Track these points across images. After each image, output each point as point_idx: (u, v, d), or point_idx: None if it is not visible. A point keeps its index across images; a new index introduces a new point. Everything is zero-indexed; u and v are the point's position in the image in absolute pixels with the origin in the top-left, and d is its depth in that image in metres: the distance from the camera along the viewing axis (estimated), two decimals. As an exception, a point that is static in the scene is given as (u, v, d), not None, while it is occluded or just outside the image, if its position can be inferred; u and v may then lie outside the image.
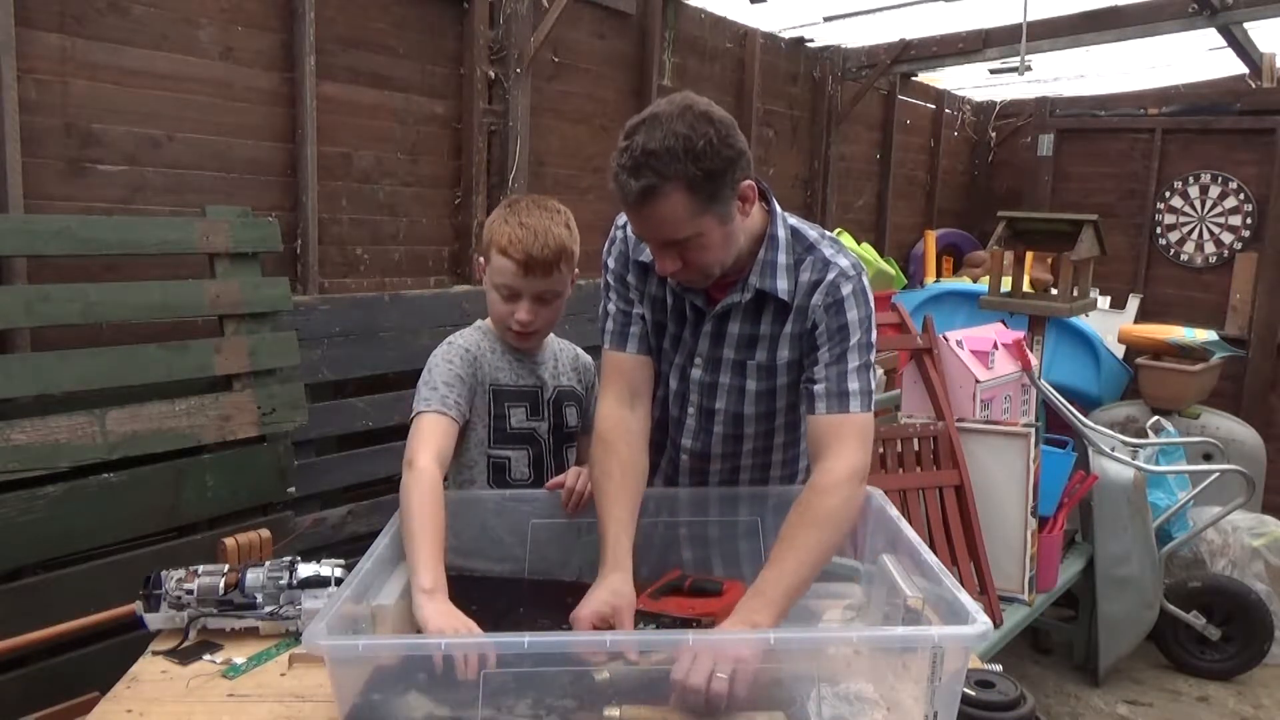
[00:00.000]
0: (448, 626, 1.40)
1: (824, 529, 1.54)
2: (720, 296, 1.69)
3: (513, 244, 1.77)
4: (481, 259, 1.90)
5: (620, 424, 1.72)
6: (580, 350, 2.04)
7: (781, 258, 1.65)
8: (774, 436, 1.80)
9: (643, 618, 1.57)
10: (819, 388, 1.63)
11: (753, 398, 1.72)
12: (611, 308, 1.78)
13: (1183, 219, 5.95)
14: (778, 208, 1.70)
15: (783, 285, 1.65)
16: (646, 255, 1.69)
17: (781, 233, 1.67)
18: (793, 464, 1.86)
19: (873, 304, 1.68)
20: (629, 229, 1.73)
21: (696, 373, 1.74)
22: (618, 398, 1.74)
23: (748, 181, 1.56)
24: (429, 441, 1.69)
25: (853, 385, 1.62)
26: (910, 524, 1.63)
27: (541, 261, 1.78)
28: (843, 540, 1.62)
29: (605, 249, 1.81)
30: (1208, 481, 3.87)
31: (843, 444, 1.59)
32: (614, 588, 1.54)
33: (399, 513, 1.61)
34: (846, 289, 1.63)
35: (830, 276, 1.63)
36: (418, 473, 1.62)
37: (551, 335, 1.98)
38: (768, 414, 1.75)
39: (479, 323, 1.94)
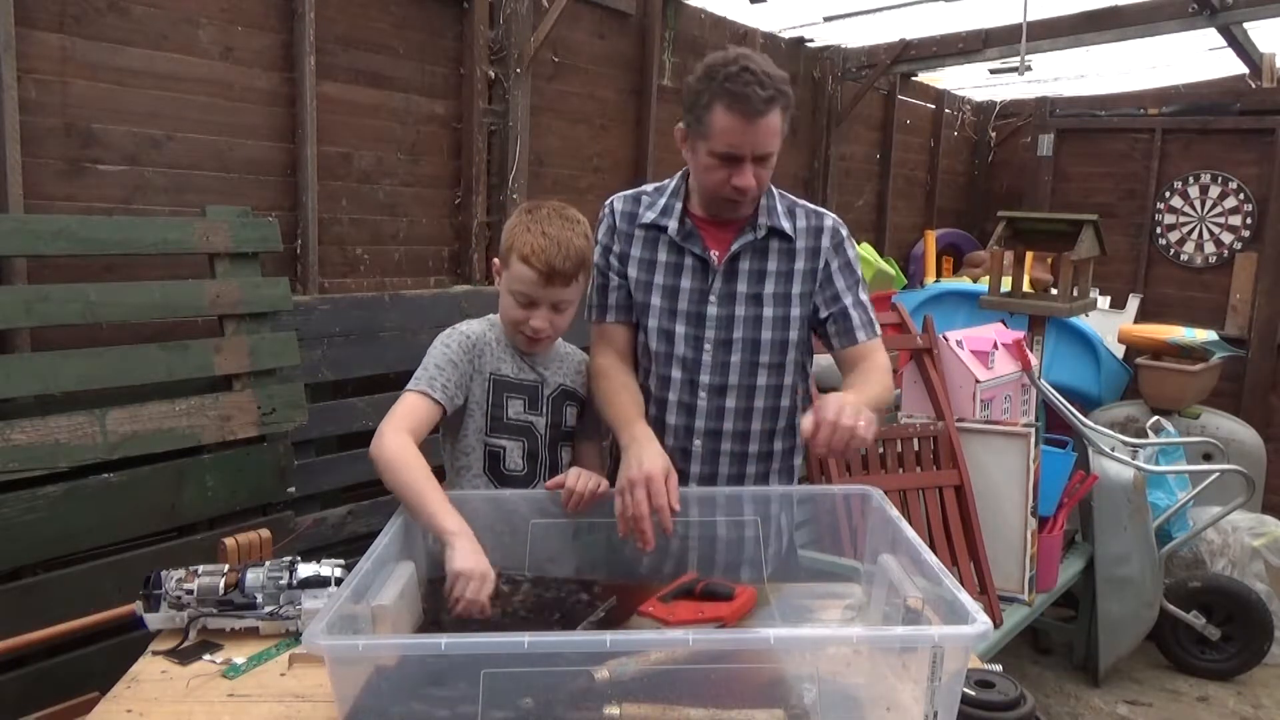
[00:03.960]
0: (475, 567, 1.52)
1: (883, 383, 1.88)
2: (723, 243, 1.90)
3: (535, 254, 1.79)
4: (497, 262, 1.90)
5: (616, 364, 1.95)
6: (585, 355, 2.05)
7: (779, 204, 1.94)
8: (784, 374, 1.95)
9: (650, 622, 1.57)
10: (856, 320, 1.93)
11: (769, 323, 1.91)
12: (595, 283, 1.99)
13: (1183, 219, 5.95)
14: None
15: (787, 225, 1.92)
16: (646, 219, 1.95)
17: (772, 188, 1.95)
18: (793, 415, 2.00)
19: None
20: (619, 205, 1.99)
21: (712, 309, 1.91)
22: (608, 356, 1.97)
23: None
24: (403, 418, 1.75)
25: (873, 314, 1.97)
26: (910, 524, 1.63)
27: (563, 272, 1.80)
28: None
29: (597, 228, 1.99)
30: (1208, 481, 3.87)
31: (878, 353, 1.95)
32: (660, 450, 1.73)
33: (388, 474, 1.66)
34: (844, 232, 1.97)
35: (828, 223, 1.96)
36: (390, 441, 1.69)
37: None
38: (782, 342, 1.92)
39: (489, 315, 1.95)
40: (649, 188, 2.02)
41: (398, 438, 1.70)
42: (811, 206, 1.98)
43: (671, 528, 1.67)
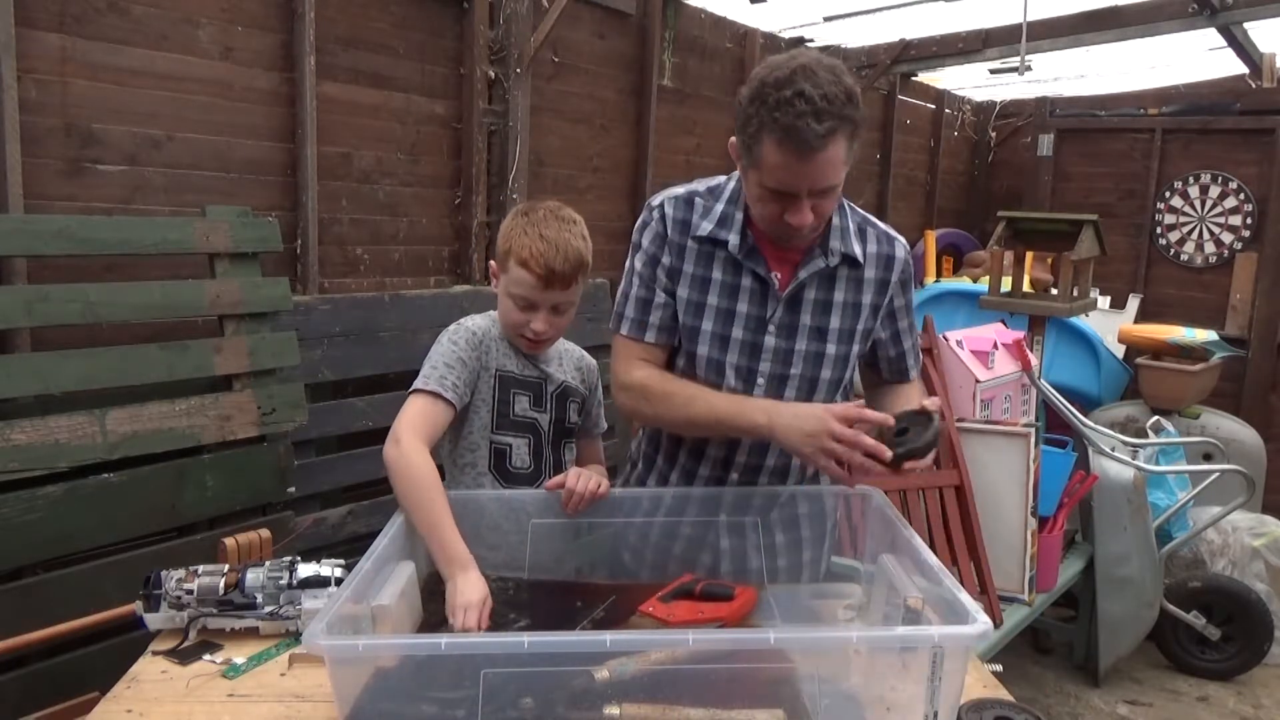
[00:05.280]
0: (475, 599, 1.52)
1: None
2: (786, 266, 1.72)
3: (534, 257, 1.77)
4: (494, 264, 1.89)
5: (657, 372, 1.76)
6: (585, 352, 2.05)
7: (850, 224, 1.75)
8: None
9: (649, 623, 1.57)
10: (910, 362, 1.86)
11: (830, 361, 1.75)
12: (633, 294, 1.77)
13: (1183, 219, 5.95)
14: None
15: (858, 249, 1.74)
16: (703, 230, 1.72)
17: (844, 202, 1.75)
18: None
19: None
20: (670, 210, 1.75)
21: (770, 340, 1.73)
22: (645, 369, 1.76)
23: None
24: (417, 420, 1.72)
25: (920, 348, 1.90)
26: (910, 524, 1.63)
27: (562, 275, 1.79)
28: None
29: (637, 230, 1.79)
30: (1208, 481, 3.87)
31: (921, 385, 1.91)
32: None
33: (406, 488, 1.63)
34: (910, 266, 1.81)
35: (900, 254, 1.79)
36: (409, 451, 1.65)
37: None
38: (838, 381, 1.78)
39: (491, 312, 1.94)
40: (700, 187, 1.78)
41: (417, 447, 1.66)
42: (882, 227, 1.80)
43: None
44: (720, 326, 1.74)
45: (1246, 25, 4.77)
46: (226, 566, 1.68)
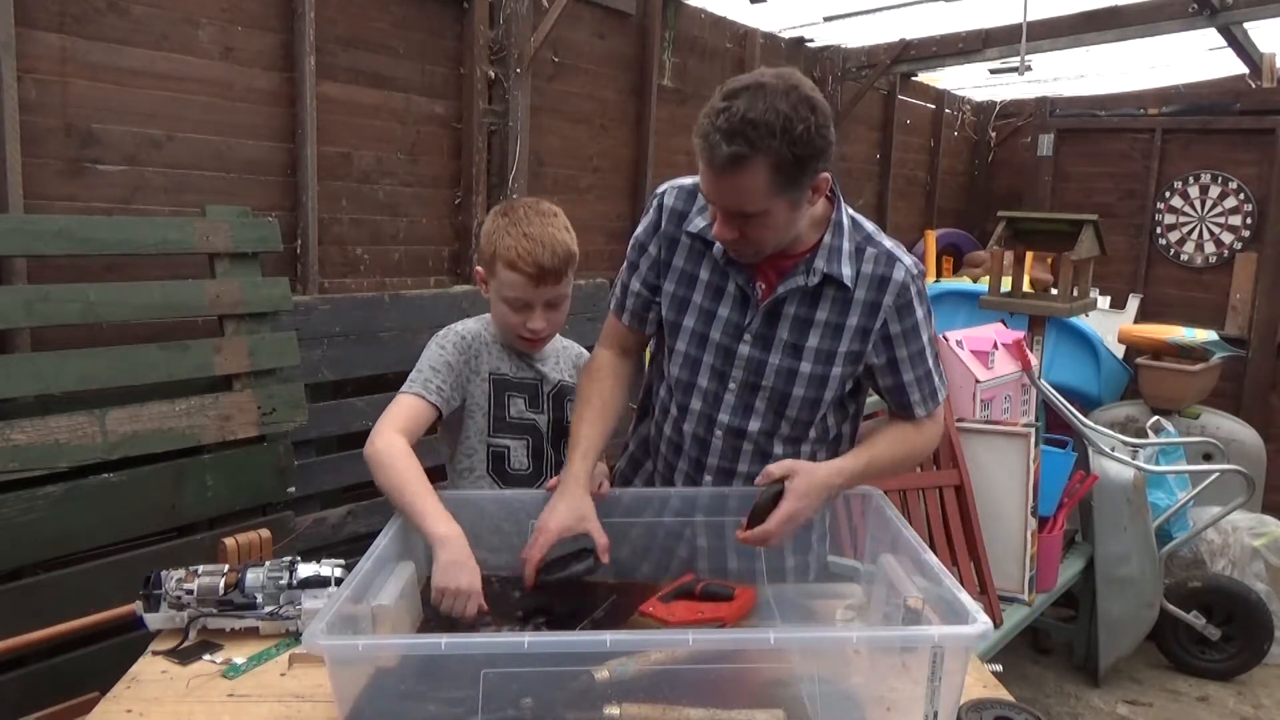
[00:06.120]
0: (458, 584, 1.51)
1: (908, 459, 1.85)
2: (772, 277, 1.70)
3: (522, 258, 1.77)
4: (480, 270, 1.89)
5: (610, 364, 1.84)
6: (582, 349, 2.05)
7: (845, 244, 1.69)
8: (809, 429, 1.78)
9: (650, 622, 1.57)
10: (915, 397, 1.76)
11: (805, 380, 1.72)
12: (621, 276, 1.86)
13: (1183, 219, 5.95)
14: (840, 194, 1.73)
15: (847, 271, 1.68)
16: (694, 226, 1.73)
17: (845, 219, 1.71)
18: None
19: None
20: (670, 200, 1.77)
21: (744, 349, 1.73)
22: (610, 350, 1.87)
23: (825, 174, 1.58)
24: (397, 420, 1.73)
25: (937, 380, 1.78)
26: (910, 524, 1.63)
27: (553, 270, 1.79)
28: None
29: (642, 218, 1.85)
30: (1208, 481, 3.87)
31: (936, 421, 1.83)
32: (575, 504, 1.65)
33: (379, 473, 1.65)
34: (914, 289, 1.70)
35: (899, 276, 1.69)
36: (385, 442, 1.68)
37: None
38: (815, 400, 1.74)
39: (484, 315, 1.94)
40: None
41: (390, 438, 1.68)
42: (887, 247, 1.71)
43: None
44: (701, 325, 1.75)
45: (1246, 25, 4.77)
46: (226, 566, 1.68)
